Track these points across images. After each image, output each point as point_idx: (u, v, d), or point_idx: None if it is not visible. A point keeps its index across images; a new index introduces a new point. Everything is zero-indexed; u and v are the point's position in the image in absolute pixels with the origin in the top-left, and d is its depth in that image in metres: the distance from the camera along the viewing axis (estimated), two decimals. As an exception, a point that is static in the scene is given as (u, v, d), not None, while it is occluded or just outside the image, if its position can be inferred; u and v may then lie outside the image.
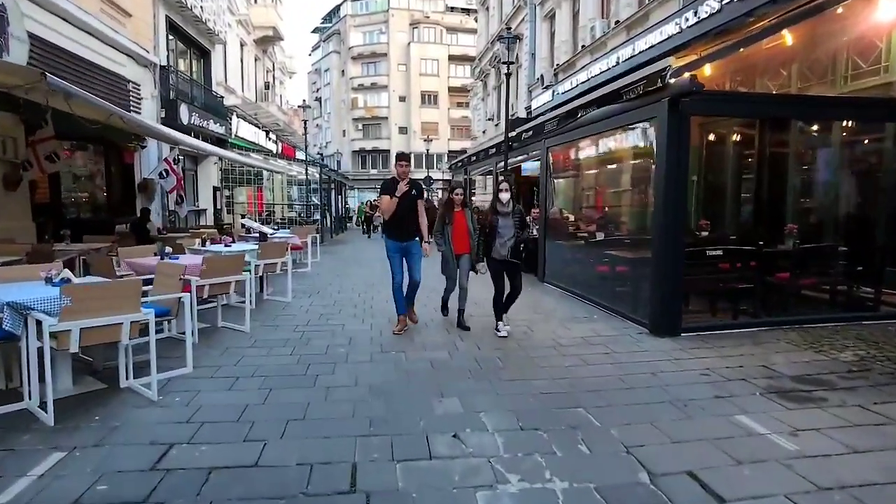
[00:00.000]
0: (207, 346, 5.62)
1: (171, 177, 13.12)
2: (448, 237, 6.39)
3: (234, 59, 22.20)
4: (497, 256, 6.11)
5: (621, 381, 4.64)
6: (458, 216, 6.48)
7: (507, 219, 6.11)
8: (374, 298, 8.57)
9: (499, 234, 6.08)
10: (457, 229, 6.42)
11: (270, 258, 7.83)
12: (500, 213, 6.12)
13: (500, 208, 6.13)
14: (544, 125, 9.78)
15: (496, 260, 6.12)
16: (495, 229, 6.08)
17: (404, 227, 6.21)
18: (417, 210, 6.24)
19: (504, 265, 6.13)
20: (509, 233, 6.08)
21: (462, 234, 6.43)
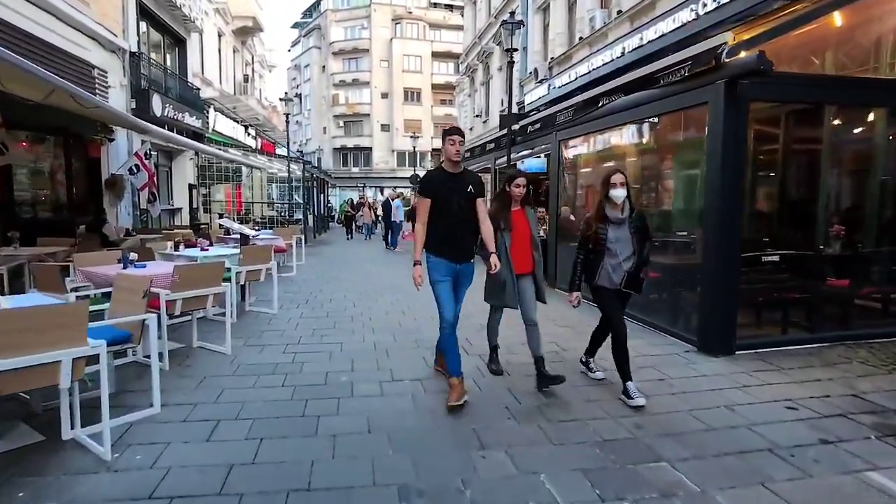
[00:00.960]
0: (180, 374, 4.62)
1: (141, 172, 12.04)
2: (504, 249, 4.38)
3: (211, 49, 21.02)
4: (608, 284, 4.25)
5: (694, 418, 3.77)
6: (518, 218, 4.50)
7: (621, 229, 4.21)
8: (371, 308, 7.62)
9: (609, 253, 4.20)
10: (517, 237, 4.44)
11: (253, 264, 6.84)
12: (611, 220, 4.22)
13: (611, 213, 4.23)
14: (556, 116, 8.91)
15: (605, 289, 4.27)
16: (604, 245, 4.21)
17: (460, 239, 4.17)
18: (477, 214, 4.22)
19: (619, 296, 4.31)
20: (626, 250, 4.20)
21: (524, 244, 4.46)
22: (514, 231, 4.44)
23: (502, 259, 4.28)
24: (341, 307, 7.68)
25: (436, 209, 4.07)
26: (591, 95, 7.80)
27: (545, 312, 6.80)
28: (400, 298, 8.39)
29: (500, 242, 4.32)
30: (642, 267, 4.24)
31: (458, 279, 4.25)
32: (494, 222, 4.32)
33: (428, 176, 4.35)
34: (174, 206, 17.37)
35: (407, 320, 6.90)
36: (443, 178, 4.13)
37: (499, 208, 4.53)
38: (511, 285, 4.37)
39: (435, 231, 4.09)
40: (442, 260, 4.10)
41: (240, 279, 6.61)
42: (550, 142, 9.35)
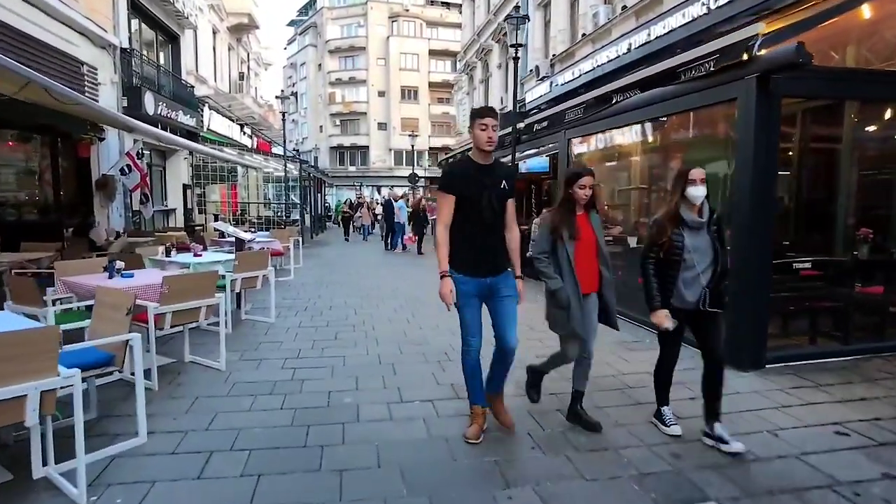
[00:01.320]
0: (170, 395, 4.25)
1: (133, 173, 11.64)
2: (567, 264, 3.55)
3: (205, 46, 20.60)
4: (679, 303, 3.48)
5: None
6: (583, 224, 3.63)
7: (700, 235, 3.47)
8: (373, 316, 7.25)
9: (685, 265, 3.44)
10: (582, 249, 3.59)
11: (249, 271, 6.45)
12: (688, 224, 3.46)
13: (688, 216, 3.46)
14: (565, 114, 8.55)
15: (676, 309, 3.49)
16: (679, 254, 3.44)
17: (489, 250, 3.43)
18: (508, 218, 3.54)
19: (691, 318, 3.54)
20: (704, 260, 3.44)
21: (590, 256, 3.64)
22: (581, 241, 3.58)
23: (566, 275, 3.54)
24: (342, 315, 7.31)
25: (459, 210, 3.34)
26: (604, 92, 7.44)
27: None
28: (403, 304, 8.03)
29: (563, 254, 3.57)
30: (724, 279, 3.50)
31: (492, 294, 3.46)
32: (557, 230, 3.56)
33: (451, 167, 3.65)
34: (168, 206, 16.98)
35: (412, 329, 6.54)
36: (470, 170, 3.38)
37: (562, 213, 3.63)
38: (577, 308, 3.54)
39: (457, 239, 3.36)
40: (465, 277, 3.36)
41: (235, 287, 6.23)
42: (558, 140, 8.99)
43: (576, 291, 3.54)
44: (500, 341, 3.51)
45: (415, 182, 29.38)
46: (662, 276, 3.52)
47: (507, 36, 23.14)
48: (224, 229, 7.72)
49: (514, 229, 3.57)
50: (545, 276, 3.61)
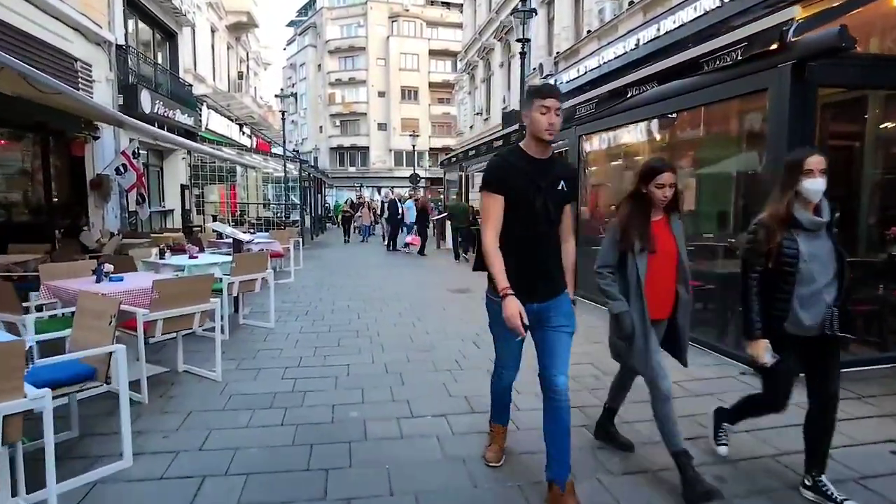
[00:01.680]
0: (161, 409, 3.92)
1: (129, 172, 11.31)
2: (636, 283, 2.89)
3: (204, 45, 20.29)
4: (795, 329, 2.71)
5: (785, 467, 3.11)
6: (661, 232, 2.95)
7: (818, 240, 2.70)
8: (377, 320, 6.91)
9: (801, 278, 2.67)
10: (658, 264, 2.92)
11: (248, 273, 6.12)
12: (805, 227, 2.70)
13: (804, 216, 2.70)
14: (575, 110, 8.23)
15: (789, 336, 2.73)
16: (794, 264, 2.67)
17: (543, 266, 2.76)
18: (565, 228, 2.88)
19: (808, 346, 2.75)
20: (826, 272, 2.68)
21: (667, 273, 2.96)
22: (657, 253, 2.88)
23: (633, 296, 2.89)
24: (345, 319, 6.98)
25: (508, 214, 2.66)
26: (619, 86, 7.12)
27: None
28: (408, 308, 7.70)
29: (631, 270, 2.89)
30: (845, 298, 2.71)
31: (541, 322, 2.74)
32: (626, 240, 2.88)
33: (500, 160, 2.78)
34: (166, 207, 16.67)
35: (418, 334, 6.20)
36: (522, 164, 2.67)
37: (632, 217, 2.92)
38: (642, 337, 2.88)
39: (506, 249, 2.64)
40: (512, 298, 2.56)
41: (232, 290, 5.90)
42: (569, 137, 8.66)
43: (643, 318, 2.88)
44: (548, 381, 2.73)
45: (416, 182, 29.03)
46: (767, 296, 2.75)
47: (509, 34, 23.03)
48: (222, 230, 7.38)
49: (570, 241, 2.92)
50: (607, 295, 2.96)
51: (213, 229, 7.65)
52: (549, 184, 2.68)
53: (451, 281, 10.30)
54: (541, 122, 2.60)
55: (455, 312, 7.36)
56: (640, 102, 6.75)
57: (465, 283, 10.01)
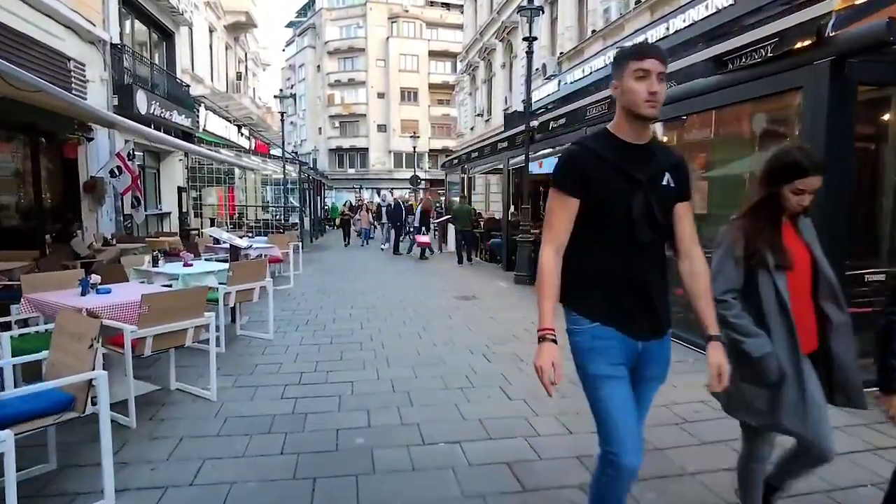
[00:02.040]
0: (149, 433, 3.60)
1: (124, 175, 11.02)
2: (779, 309, 2.18)
3: (202, 45, 20.00)
4: None
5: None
6: (793, 242, 2.26)
7: None
8: (381, 331, 6.60)
9: None
10: (793, 284, 2.20)
11: (245, 282, 5.80)
12: None
13: None
14: (586, 110, 7.95)
15: None
16: None
17: (646, 290, 1.99)
18: (685, 239, 2.09)
19: None
20: None
21: (803, 292, 2.24)
22: (795, 271, 2.20)
23: (776, 329, 2.16)
24: (347, 329, 6.66)
25: (590, 221, 1.97)
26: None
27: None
28: (412, 317, 7.38)
29: (768, 293, 2.18)
30: None
31: (639, 370, 2.05)
32: (755, 255, 2.19)
33: (577, 151, 2.01)
34: (162, 210, 16.36)
35: (425, 347, 5.89)
36: (611, 153, 1.96)
37: (762, 228, 2.22)
38: (795, 384, 2.14)
39: (590, 267, 2.00)
40: (609, 331, 1.97)
41: (229, 301, 5.59)
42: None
43: (794, 356, 2.13)
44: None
45: (417, 184, 28.73)
46: None
47: (511, 34, 22.75)
48: (218, 236, 7.04)
49: (696, 256, 2.06)
50: (738, 329, 2.18)
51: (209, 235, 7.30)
52: (650, 177, 1.94)
53: (455, 287, 9.99)
54: (638, 92, 1.87)
55: (462, 321, 7.05)
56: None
57: (470, 289, 9.70)
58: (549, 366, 1.87)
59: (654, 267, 2.01)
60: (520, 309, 7.83)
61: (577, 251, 1.99)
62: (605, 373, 1.96)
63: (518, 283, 10.09)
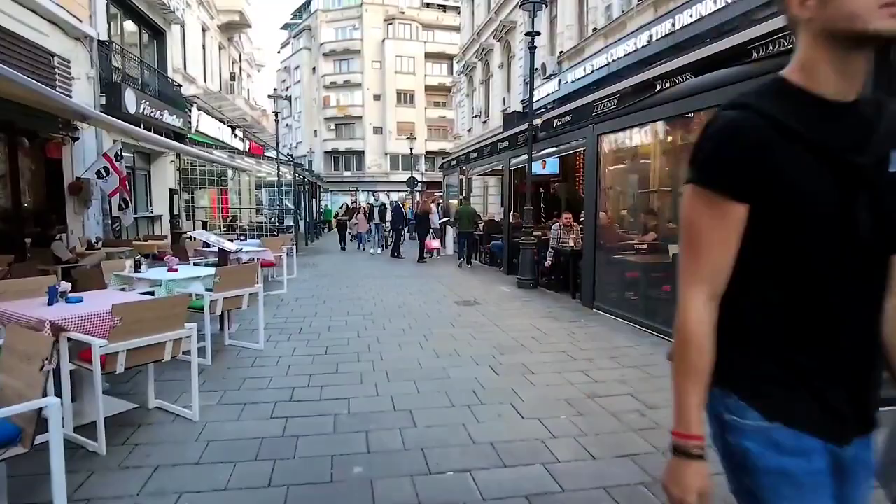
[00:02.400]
0: (120, 462, 3.18)
1: (111, 176, 10.58)
2: None
3: (194, 44, 19.60)
4: None
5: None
6: None
7: None
8: (379, 340, 6.19)
9: None
10: None
11: (233, 289, 5.40)
12: None
13: None
14: (593, 107, 7.57)
15: None
16: None
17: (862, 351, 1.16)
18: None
19: None
20: None
21: None
22: None
23: None
24: (343, 339, 6.25)
25: (774, 244, 1.15)
26: (646, 79, 6.46)
27: (592, 342, 5.49)
28: (412, 324, 6.99)
29: None
30: None
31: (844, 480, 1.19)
32: None
33: (746, 119, 1.12)
34: (153, 212, 15.92)
35: (427, 358, 5.49)
36: (804, 119, 1.11)
37: None
38: None
39: (769, 324, 1.17)
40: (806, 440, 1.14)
41: (215, 309, 5.18)
42: (586, 136, 8.00)
43: None
44: None
45: (413, 186, 28.33)
46: None
47: (509, 34, 22.41)
48: (206, 238, 6.60)
49: None
50: None
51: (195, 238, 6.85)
52: (877, 161, 1.12)
53: (456, 291, 9.60)
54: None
55: (465, 329, 6.66)
56: (671, 97, 6.09)
57: (471, 294, 9.32)
58: (694, 499, 1.14)
59: (877, 316, 1.18)
60: (525, 315, 7.45)
61: (744, 297, 1.19)
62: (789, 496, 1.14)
63: (521, 287, 9.71)
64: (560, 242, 9.38)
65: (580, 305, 8.04)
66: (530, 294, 9.22)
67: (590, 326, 6.75)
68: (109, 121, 9.14)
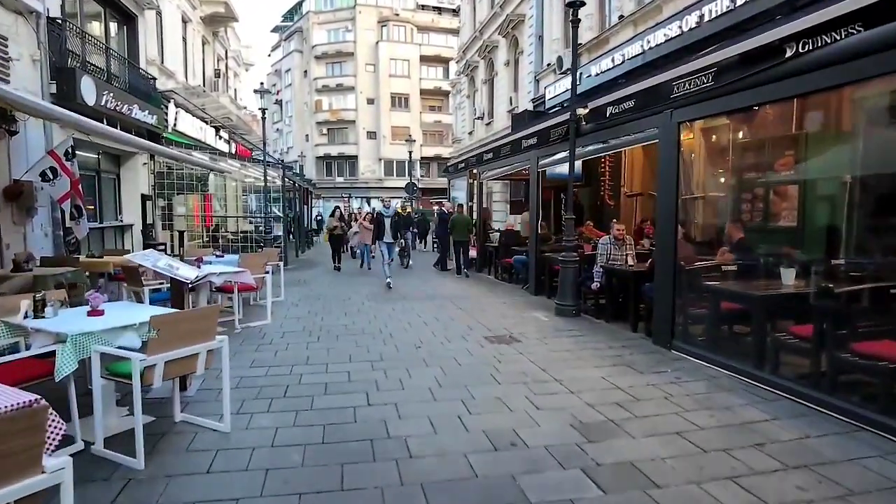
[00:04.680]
0: None
1: (61, 178, 8.72)
2: None
3: (174, 36, 17.75)
4: None
5: None
6: None
7: None
8: (400, 408, 4.30)
9: None
10: None
11: (179, 345, 3.50)
12: None
13: None
14: (671, 86, 5.77)
15: None
16: None
17: None
18: None
19: None
20: None
21: None
22: None
23: None
24: (346, 408, 4.33)
25: None
26: (766, 42, 4.67)
27: (697, 411, 3.55)
28: (440, 378, 5.07)
29: None
30: None
31: None
32: None
33: None
34: (123, 222, 13.99)
35: (478, 445, 3.61)
36: None
37: None
38: None
39: None
40: None
41: (151, 378, 3.30)
42: (658, 125, 6.19)
43: None
44: None
45: (413, 192, 26.51)
46: None
47: (516, 28, 20.65)
48: (147, 263, 4.48)
49: None
50: None
51: (133, 260, 4.83)
52: None
53: (480, 319, 7.75)
54: None
55: (516, 387, 4.81)
56: (809, 66, 4.31)
57: (500, 322, 7.48)
58: None
59: None
60: (586, 360, 5.61)
61: None
62: None
63: (561, 314, 7.86)
64: (610, 259, 7.58)
65: (651, 344, 6.21)
66: (576, 324, 7.37)
67: (685, 381, 4.92)
68: (49, 110, 7.30)
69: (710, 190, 6.93)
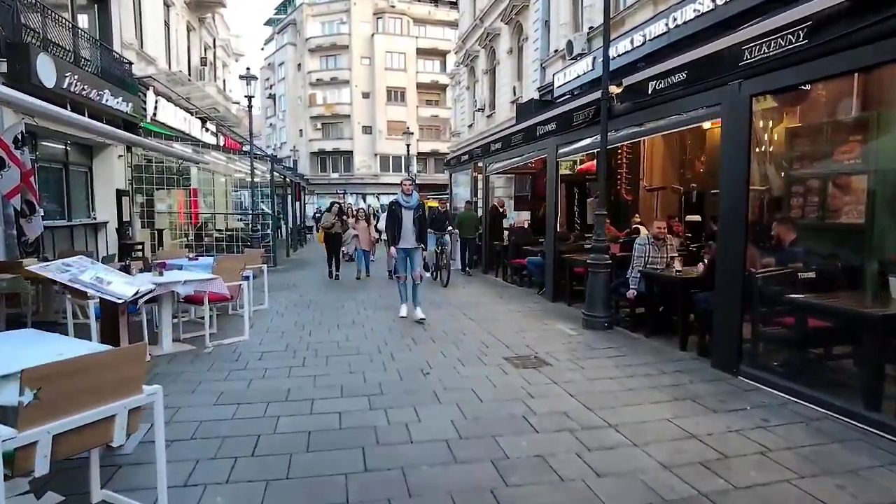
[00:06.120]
0: None
1: (9, 170, 7.57)
2: None
3: (154, 19, 16.54)
4: None
5: None
6: None
7: None
8: (411, 485, 3.13)
9: None
10: None
11: (82, 408, 2.31)
12: None
13: None
14: (741, 53, 4.61)
15: None
16: None
17: None
18: None
19: None
20: None
21: None
22: None
23: None
24: (336, 474, 3.17)
25: None
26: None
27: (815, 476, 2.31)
28: (458, 423, 3.90)
29: None
30: None
31: None
32: None
33: None
34: (97, 219, 12.79)
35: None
36: None
37: None
38: None
39: None
40: None
41: (30, 464, 2.12)
42: (722, 100, 5.01)
43: None
44: None
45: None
46: None
47: (520, 14, 19.44)
48: (65, 277, 3.31)
49: None
50: None
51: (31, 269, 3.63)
52: None
53: (497, 335, 6.60)
54: None
55: (558, 435, 3.66)
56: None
57: (521, 338, 6.33)
58: None
59: None
60: (638, 393, 4.47)
61: None
62: None
63: (590, 327, 6.71)
64: (648, 263, 6.43)
65: (710, 368, 5.07)
66: (612, 341, 6.22)
67: (774, 425, 3.78)
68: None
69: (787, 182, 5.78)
